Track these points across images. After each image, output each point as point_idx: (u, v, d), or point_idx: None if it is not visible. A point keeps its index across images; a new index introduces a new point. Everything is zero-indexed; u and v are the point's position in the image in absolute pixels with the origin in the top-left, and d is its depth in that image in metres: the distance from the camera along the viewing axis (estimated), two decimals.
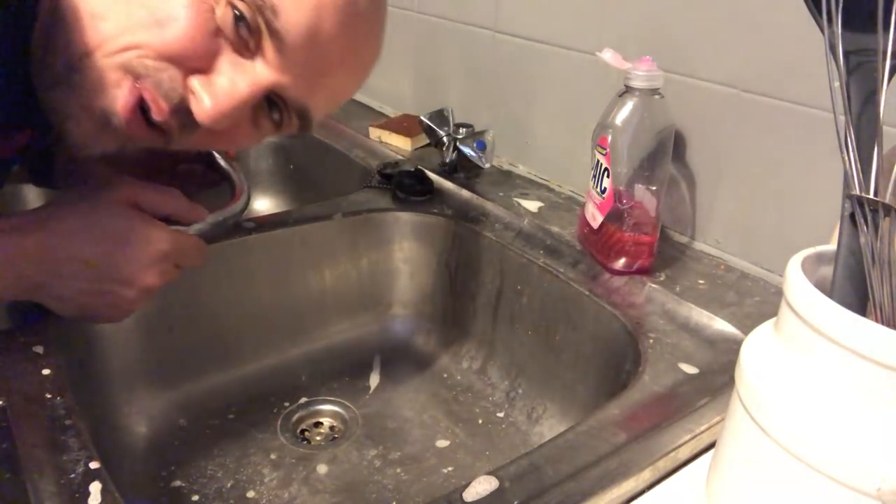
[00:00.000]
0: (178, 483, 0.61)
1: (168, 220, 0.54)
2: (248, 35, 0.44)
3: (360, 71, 0.52)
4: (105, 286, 0.49)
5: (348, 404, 0.73)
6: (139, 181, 0.53)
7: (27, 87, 0.49)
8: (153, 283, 0.50)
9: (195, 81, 0.45)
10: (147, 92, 0.44)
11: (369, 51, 0.51)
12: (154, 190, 0.53)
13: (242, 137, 0.51)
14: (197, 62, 0.44)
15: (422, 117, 0.85)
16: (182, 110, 0.45)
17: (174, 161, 0.68)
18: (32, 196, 0.94)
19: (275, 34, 0.44)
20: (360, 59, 0.51)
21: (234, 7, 0.43)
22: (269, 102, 0.49)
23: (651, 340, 0.56)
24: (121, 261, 0.49)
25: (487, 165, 0.82)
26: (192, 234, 0.56)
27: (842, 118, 0.35)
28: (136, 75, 0.44)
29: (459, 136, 0.83)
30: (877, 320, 0.33)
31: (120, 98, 0.44)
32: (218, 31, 0.44)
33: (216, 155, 0.68)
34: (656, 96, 0.60)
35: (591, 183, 0.65)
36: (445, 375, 0.77)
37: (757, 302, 0.60)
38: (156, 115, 0.45)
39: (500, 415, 0.71)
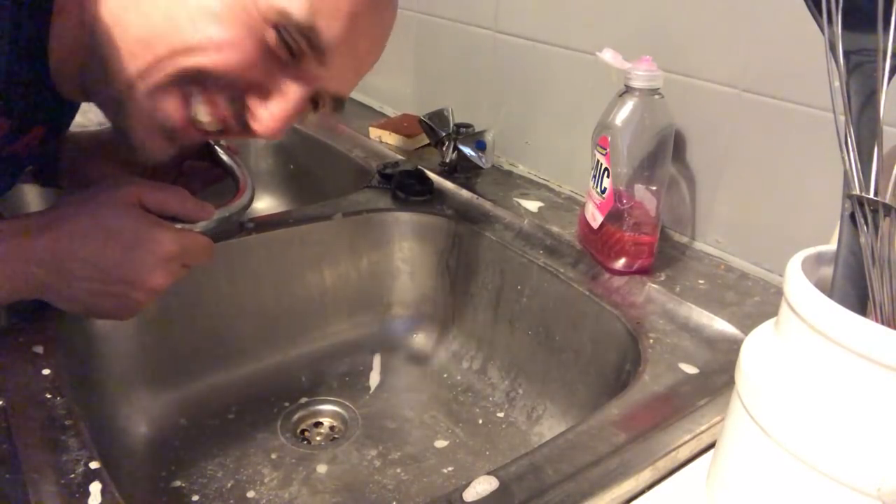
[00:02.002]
0: (178, 483, 0.61)
1: (174, 219, 0.54)
2: (293, 56, 0.46)
3: (384, 44, 0.54)
4: (113, 287, 0.49)
5: (348, 404, 0.73)
6: (145, 181, 0.54)
7: (39, 83, 0.49)
8: (161, 283, 0.50)
9: (253, 101, 0.48)
10: (209, 103, 0.47)
11: (391, 23, 0.53)
12: (160, 189, 0.53)
13: None
14: (255, 81, 0.47)
15: (422, 117, 0.85)
16: (240, 116, 0.48)
17: (178, 159, 0.68)
18: (32, 196, 0.94)
19: (316, 49, 0.46)
20: (385, 35, 0.53)
21: (279, 31, 0.45)
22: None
23: (651, 340, 0.56)
24: (128, 263, 0.48)
25: (487, 165, 0.82)
26: (198, 231, 0.56)
27: (842, 118, 0.35)
28: (194, 83, 0.46)
29: (459, 136, 0.83)
30: (877, 320, 0.33)
31: (173, 113, 0.47)
32: (271, 54, 0.46)
33: (219, 151, 0.68)
34: (656, 96, 0.60)
35: (591, 183, 0.65)
36: (445, 375, 0.77)
37: (757, 302, 0.60)
38: (218, 125, 0.49)
39: (500, 415, 0.71)
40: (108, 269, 0.48)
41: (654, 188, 0.62)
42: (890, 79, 0.33)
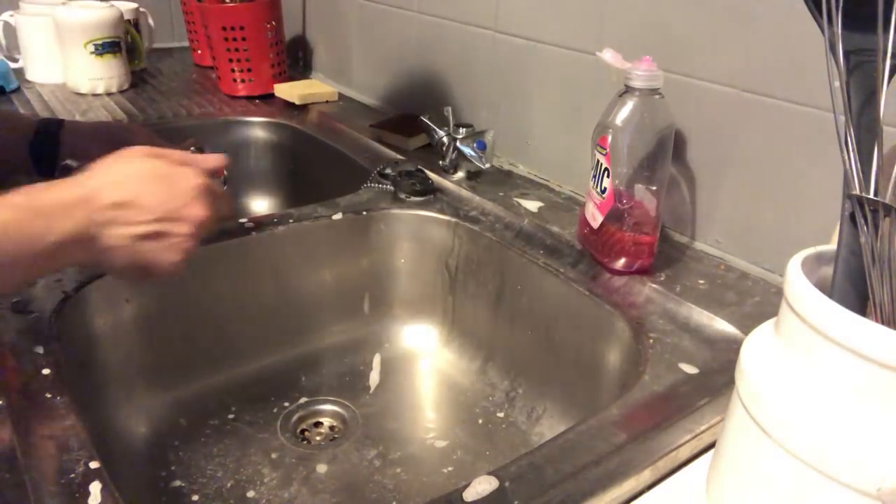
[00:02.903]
0: (178, 483, 0.61)
1: None
2: None
3: None
4: (158, 227, 0.49)
5: (348, 404, 0.73)
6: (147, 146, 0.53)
7: None
8: (203, 214, 0.50)
9: None
10: None
11: None
12: (164, 148, 0.54)
13: None
14: None
15: (422, 117, 0.85)
16: None
17: None
18: None
19: None
20: None
21: None
22: None
23: (651, 340, 0.56)
24: (167, 197, 0.49)
25: (487, 165, 0.82)
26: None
27: (842, 118, 0.35)
28: None
29: (459, 136, 0.83)
30: (877, 320, 0.33)
31: None
32: None
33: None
34: (656, 96, 0.60)
35: (592, 183, 0.65)
36: (446, 375, 0.77)
37: (757, 302, 0.60)
38: None
39: (500, 415, 0.71)
40: (151, 206, 0.48)
41: (654, 188, 0.62)
42: (890, 79, 0.33)
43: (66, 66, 1.15)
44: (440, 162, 0.86)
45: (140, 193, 0.48)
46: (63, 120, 0.68)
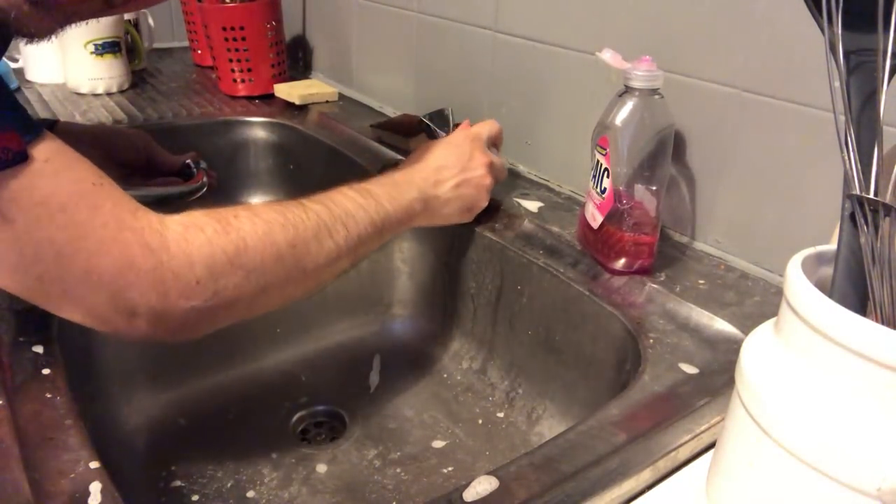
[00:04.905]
0: (178, 483, 0.61)
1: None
2: None
3: None
4: (463, 175, 0.69)
5: (348, 404, 0.73)
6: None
7: None
8: (486, 158, 0.71)
9: None
10: None
11: None
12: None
13: None
14: None
15: (422, 117, 0.85)
16: None
17: (157, 172, 0.76)
18: None
19: None
20: None
21: None
22: None
23: (651, 340, 0.56)
24: (459, 153, 0.69)
25: None
26: (153, 196, 0.70)
27: (842, 118, 0.35)
28: None
29: None
30: (877, 320, 0.33)
31: None
32: None
33: (192, 166, 0.78)
34: (656, 96, 0.60)
35: (591, 183, 0.65)
36: (445, 375, 0.77)
37: (757, 302, 0.60)
38: None
39: (500, 415, 0.71)
40: (453, 163, 0.68)
41: (654, 188, 0.62)
42: (890, 79, 0.33)
43: (66, 67, 1.15)
44: None
45: (441, 158, 0.68)
46: (57, 120, 0.68)
